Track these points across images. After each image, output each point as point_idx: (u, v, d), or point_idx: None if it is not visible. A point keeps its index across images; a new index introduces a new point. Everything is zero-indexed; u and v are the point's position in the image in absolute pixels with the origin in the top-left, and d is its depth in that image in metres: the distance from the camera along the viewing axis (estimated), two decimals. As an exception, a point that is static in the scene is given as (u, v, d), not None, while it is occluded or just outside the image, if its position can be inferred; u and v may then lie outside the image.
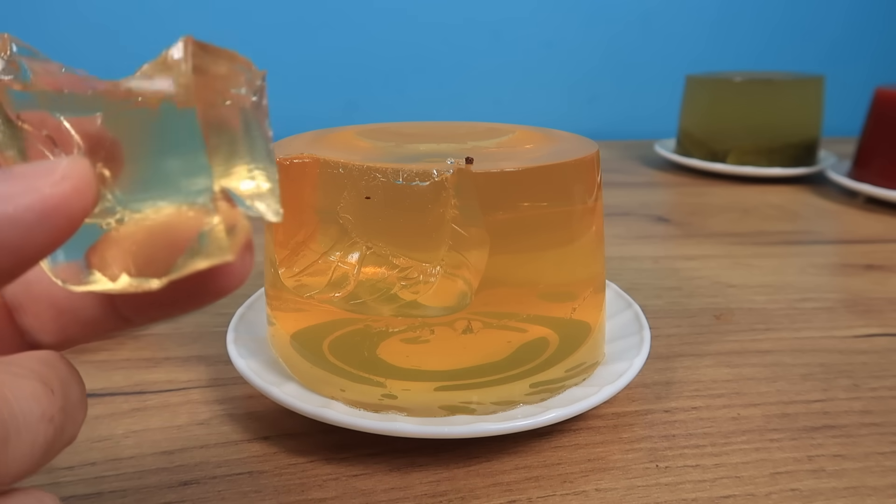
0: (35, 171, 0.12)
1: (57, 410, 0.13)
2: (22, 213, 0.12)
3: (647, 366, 0.30)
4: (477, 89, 0.92)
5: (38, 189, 0.12)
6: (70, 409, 0.14)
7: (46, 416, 0.13)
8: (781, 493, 0.24)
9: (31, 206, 0.12)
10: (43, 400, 0.13)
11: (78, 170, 0.13)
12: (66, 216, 0.12)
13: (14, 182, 0.12)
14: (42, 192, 0.12)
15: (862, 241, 0.51)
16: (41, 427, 0.13)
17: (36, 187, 0.12)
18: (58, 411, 0.13)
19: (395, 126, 0.33)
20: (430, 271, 0.23)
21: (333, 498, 0.23)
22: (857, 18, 0.97)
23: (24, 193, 0.12)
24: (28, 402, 0.13)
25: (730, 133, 0.72)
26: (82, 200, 0.13)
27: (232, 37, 0.84)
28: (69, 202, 0.12)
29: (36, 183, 0.12)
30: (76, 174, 0.13)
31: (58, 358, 0.15)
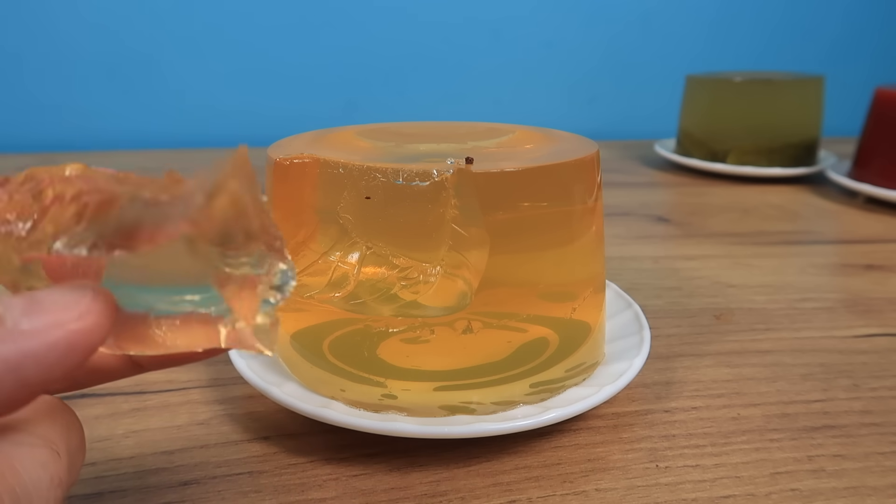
0: (60, 304, 0.12)
1: (64, 472, 0.13)
2: (45, 352, 0.12)
3: (647, 366, 0.30)
4: (477, 89, 0.92)
5: (62, 325, 0.12)
6: (73, 460, 0.14)
7: (55, 481, 0.13)
8: (781, 493, 0.24)
9: (56, 343, 0.12)
10: (51, 466, 0.13)
11: (101, 303, 0.13)
12: (84, 352, 0.12)
13: (39, 316, 0.12)
14: (67, 328, 0.12)
15: (862, 241, 0.51)
16: (51, 494, 0.13)
17: (60, 322, 0.12)
18: (65, 473, 0.13)
19: (395, 126, 0.33)
20: (430, 271, 0.23)
21: (333, 498, 0.23)
22: (857, 18, 0.97)
23: (48, 329, 0.12)
24: (37, 471, 0.13)
25: (730, 133, 0.72)
26: (102, 333, 0.13)
27: (232, 37, 0.84)
28: (90, 337, 0.12)
29: (61, 317, 0.12)
30: (99, 308, 0.13)
31: (59, 407, 0.15)
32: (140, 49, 0.82)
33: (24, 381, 0.12)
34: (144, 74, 0.83)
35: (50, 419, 0.14)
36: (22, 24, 0.79)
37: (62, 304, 0.12)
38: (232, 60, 0.85)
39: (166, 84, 0.83)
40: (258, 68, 0.86)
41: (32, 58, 0.80)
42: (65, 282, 0.14)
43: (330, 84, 0.88)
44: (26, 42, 0.79)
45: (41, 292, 0.13)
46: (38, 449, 0.13)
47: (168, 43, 0.83)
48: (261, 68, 0.86)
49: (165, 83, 0.83)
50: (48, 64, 0.81)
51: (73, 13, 0.79)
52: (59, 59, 0.81)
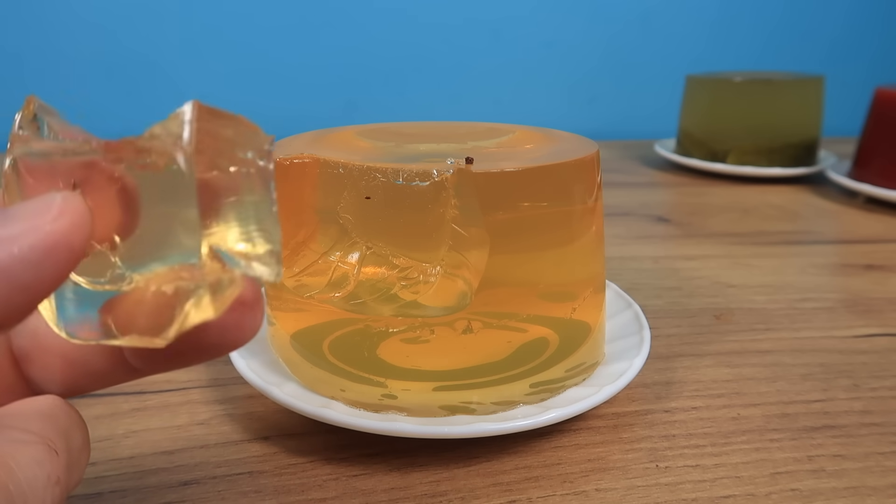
0: (33, 211, 0.13)
1: (62, 470, 0.13)
2: (28, 253, 0.12)
3: (647, 366, 0.30)
4: (477, 89, 0.92)
5: (38, 228, 0.12)
6: (74, 459, 0.14)
7: (52, 479, 0.13)
8: (781, 493, 0.24)
9: (35, 244, 0.12)
10: (47, 464, 0.13)
11: (73, 205, 0.13)
12: (67, 250, 0.13)
13: (15, 223, 0.12)
14: (43, 230, 0.12)
15: (862, 241, 0.51)
16: (48, 492, 0.13)
17: (36, 226, 0.12)
18: (63, 471, 0.13)
19: (395, 126, 0.33)
20: (430, 271, 0.23)
21: (333, 498, 0.23)
22: (857, 18, 0.97)
23: (26, 233, 0.12)
24: (33, 469, 0.13)
25: (730, 133, 0.72)
26: (81, 234, 0.13)
27: (232, 37, 0.84)
28: (69, 237, 0.13)
29: (35, 222, 0.13)
30: (72, 209, 0.13)
31: (59, 405, 0.15)
32: (140, 49, 0.82)
33: (16, 284, 0.12)
34: (144, 74, 0.83)
35: (48, 417, 0.14)
36: (22, 24, 0.79)
37: (34, 210, 0.13)
38: (232, 60, 0.85)
39: (166, 84, 0.83)
40: (258, 68, 0.86)
41: (32, 58, 0.80)
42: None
43: (330, 84, 0.88)
44: (26, 42, 0.79)
45: (12, 206, 0.13)
46: (33, 446, 0.13)
47: (168, 43, 0.83)
48: (261, 68, 0.86)
49: (165, 83, 0.83)
50: (48, 64, 0.81)
51: (73, 13, 0.79)
52: (58, 59, 0.81)
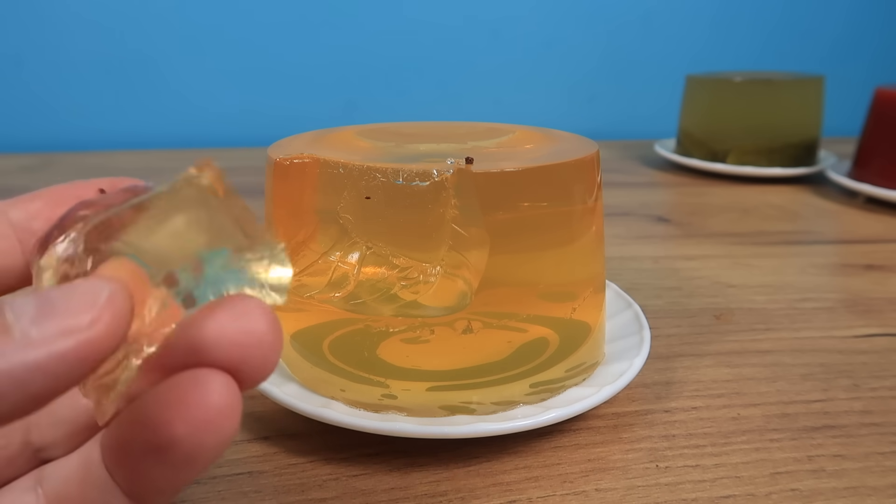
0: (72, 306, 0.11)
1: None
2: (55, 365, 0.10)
3: (647, 366, 0.30)
4: (477, 89, 0.92)
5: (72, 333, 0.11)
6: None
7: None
8: (781, 493, 0.24)
9: (65, 354, 0.11)
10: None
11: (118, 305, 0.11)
12: (97, 358, 0.11)
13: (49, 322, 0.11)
14: (77, 337, 0.11)
15: (862, 241, 0.51)
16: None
17: (71, 329, 0.11)
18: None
19: (395, 126, 0.33)
20: (430, 271, 0.23)
21: (333, 498, 0.23)
22: (857, 18, 0.97)
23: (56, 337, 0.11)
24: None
25: (730, 133, 0.72)
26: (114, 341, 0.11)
27: (232, 36, 0.84)
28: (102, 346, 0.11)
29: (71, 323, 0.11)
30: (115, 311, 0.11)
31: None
32: (139, 49, 0.82)
33: (29, 395, 0.11)
34: (144, 74, 0.83)
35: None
36: (22, 24, 0.79)
37: (74, 307, 0.11)
38: (232, 60, 0.85)
39: (166, 84, 0.83)
40: (258, 68, 0.86)
41: (32, 58, 0.80)
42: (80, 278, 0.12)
43: (330, 84, 0.88)
44: (26, 42, 0.79)
45: (54, 291, 0.11)
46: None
47: (168, 43, 0.83)
48: (261, 68, 0.86)
49: (165, 83, 0.83)
50: (48, 64, 0.81)
51: (73, 13, 0.79)
52: (58, 59, 0.81)
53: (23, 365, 0.10)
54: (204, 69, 0.84)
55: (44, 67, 0.81)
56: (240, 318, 0.13)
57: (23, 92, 0.81)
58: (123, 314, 0.11)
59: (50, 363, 0.10)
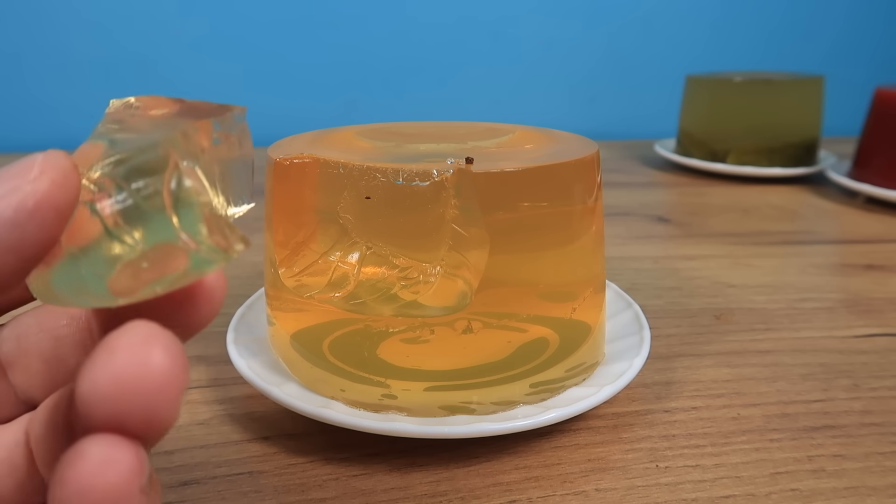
0: (14, 171, 0.13)
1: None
2: (11, 214, 0.12)
3: (647, 366, 0.30)
4: (477, 89, 0.92)
5: (19, 188, 0.12)
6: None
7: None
8: (781, 493, 0.24)
9: (18, 205, 0.12)
10: None
11: (55, 162, 0.13)
12: (52, 209, 0.13)
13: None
14: (24, 189, 0.12)
15: (862, 241, 0.51)
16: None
17: (16, 186, 0.13)
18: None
19: (395, 126, 0.33)
20: (430, 271, 0.23)
21: (333, 498, 0.23)
22: (857, 18, 0.97)
23: (6, 194, 0.12)
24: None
25: (730, 133, 0.72)
26: (65, 192, 0.13)
27: (232, 37, 0.84)
28: (52, 196, 0.13)
29: (16, 182, 0.13)
30: (53, 167, 0.13)
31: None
32: (139, 49, 0.82)
33: (2, 246, 0.12)
34: (144, 74, 0.83)
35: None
36: (21, 24, 0.79)
37: (15, 171, 0.13)
38: (232, 60, 0.85)
39: (166, 84, 0.83)
40: (258, 68, 0.86)
41: (32, 58, 0.80)
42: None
43: (330, 84, 0.88)
44: (26, 42, 0.79)
45: (2, 167, 0.13)
46: None
47: (167, 43, 0.83)
48: (261, 68, 0.86)
49: (165, 83, 0.83)
50: (47, 64, 0.81)
51: (73, 13, 0.80)
52: (58, 59, 0.81)
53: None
54: (204, 69, 0.84)
55: (44, 68, 0.81)
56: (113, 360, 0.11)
57: (23, 92, 0.81)
58: (65, 168, 0.13)
59: (7, 214, 0.12)
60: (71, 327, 0.16)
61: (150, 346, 0.11)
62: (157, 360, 0.11)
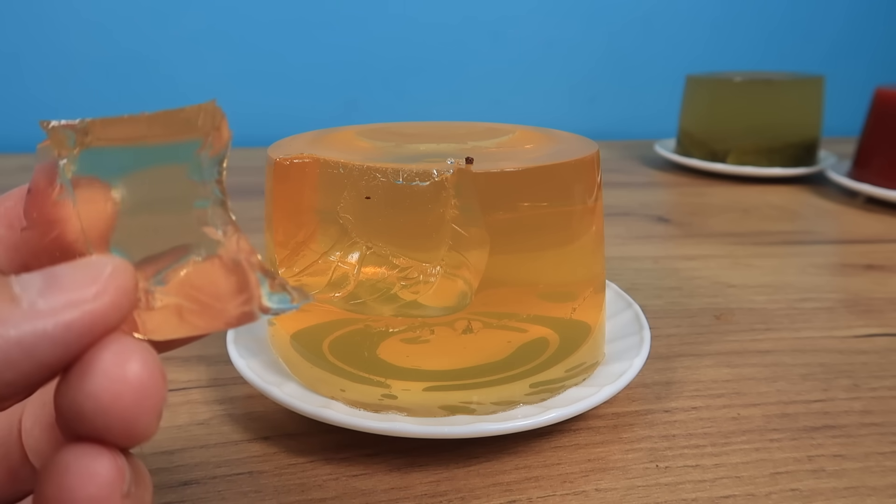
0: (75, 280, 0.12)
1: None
2: (62, 333, 0.11)
3: (647, 366, 0.30)
4: (477, 89, 0.92)
5: (78, 304, 0.11)
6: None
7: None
8: (781, 493, 0.24)
9: (71, 324, 0.11)
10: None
11: (119, 281, 0.12)
12: (102, 331, 0.12)
13: (55, 295, 0.11)
14: (82, 308, 0.11)
15: (862, 241, 0.51)
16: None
17: (76, 302, 0.11)
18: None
19: (395, 126, 0.33)
20: (430, 271, 0.23)
21: (333, 498, 0.23)
22: (857, 18, 0.97)
23: (63, 308, 0.11)
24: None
25: (730, 133, 0.72)
26: (120, 314, 0.12)
27: (232, 36, 0.84)
28: (107, 317, 0.12)
29: (77, 296, 0.11)
30: (117, 287, 0.12)
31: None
32: (139, 49, 0.82)
33: (39, 363, 0.11)
34: (143, 74, 0.83)
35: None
36: (21, 24, 0.79)
37: (79, 281, 0.12)
38: (232, 60, 0.85)
39: (165, 84, 0.83)
40: (258, 68, 0.86)
41: (31, 58, 0.80)
42: (84, 256, 0.13)
43: (330, 84, 0.88)
44: (25, 42, 0.79)
45: (60, 268, 0.12)
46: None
47: (167, 43, 0.83)
48: (261, 68, 0.86)
49: (165, 83, 0.83)
50: (47, 64, 0.81)
51: (72, 13, 0.80)
52: (58, 59, 0.81)
53: (32, 333, 0.11)
54: (204, 69, 0.84)
55: (44, 68, 0.81)
56: (91, 378, 0.11)
57: (22, 92, 0.81)
58: (127, 289, 0.12)
59: (57, 332, 0.11)
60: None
61: (127, 360, 0.12)
62: (133, 375, 0.12)
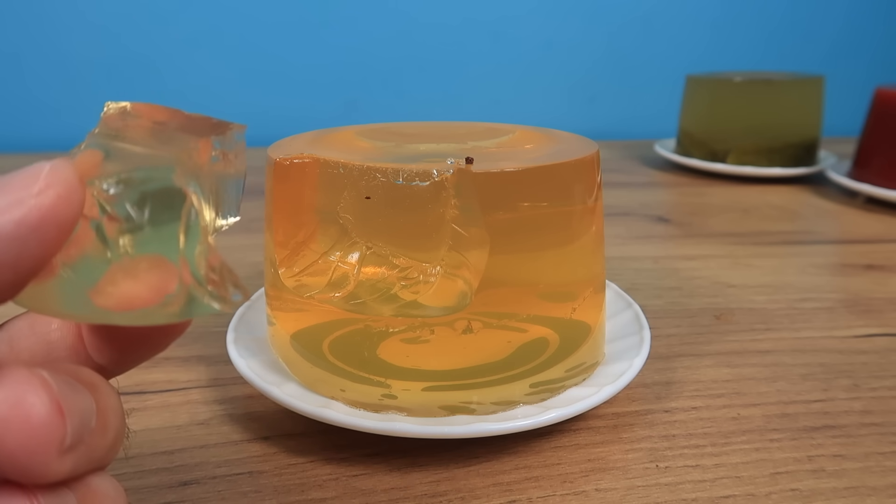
0: (18, 182, 0.12)
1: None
2: (13, 229, 0.12)
3: (647, 366, 0.30)
4: (477, 89, 0.92)
5: (22, 202, 0.12)
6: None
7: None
8: (781, 493, 0.24)
9: (20, 220, 0.12)
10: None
11: (61, 175, 0.12)
12: (55, 225, 0.12)
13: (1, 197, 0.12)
14: (27, 203, 0.12)
15: (862, 241, 0.51)
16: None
17: (20, 199, 0.12)
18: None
19: (395, 126, 0.33)
20: (430, 271, 0.23)
21: (333, 498, 0.23)
22: (857, 18, 0.97)
23: (8, 208, 0.12)
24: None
25: (730, 133, 0.72)
26: (70, 208, 0.12)
27: (232, 37, 0.84)
28: (56, 211, 0.12)
29: (20, 194, 0.12)
30: (59, 180, 0.12)
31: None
32: (139, 49, 0.82)
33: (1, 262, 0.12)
34: (144, 74, 0.83)
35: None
36: (22, 24, 0.79)
37: (19, 182, 0.12)
38: (232, 60, 0.85)
39: (166, 84, 0.83)
40: (258, 68, 0.86)
41: (32, 58, 0.80)
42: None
43: (330, 84, 0.88)
44: (26, 42, 0.79)
45: (5, 175, 0.12)
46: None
47: (167, 43, 0.83)
48: (261, 68, 0.86)
49: (165, 83, 0.83)
50: (48, 64, 0.81)
51: (73, 13, 0.80)
52: (58, 59, 0.81)
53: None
54: (204, 69, 0.84)
55: (44, 67, 0.81)
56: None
57: (23, 92, 0.81)
58: (70, 182, 0.12)
59: (9, 229, 0.12)
60: (62, 331, 0.16)
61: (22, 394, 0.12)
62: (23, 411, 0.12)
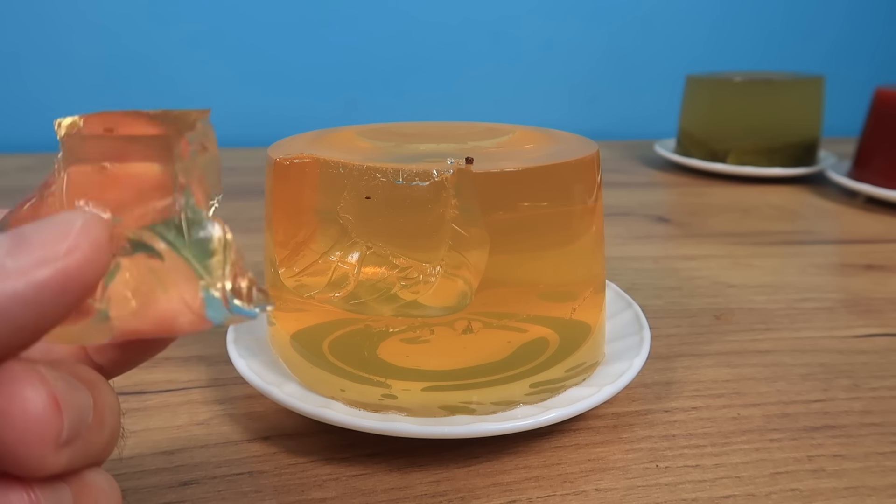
0: (44, 238, 0.11)
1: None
2: (34, 293, 0.11)
3: (647, 366, 0.30)
4: (477, 89, 0.92)
5: (48, 262, 0.11)
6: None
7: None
8: (781, 493, 0.24)
9: (42, 283, 0.11)
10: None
11: (92, 234, 0.12)
12: (80, 287, 0.11)
13: (24, 254, 0.11)
14: (53, 266, 0.11)
15: (862, 241, 0.51)
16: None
17: (45, 258, 0.11)
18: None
19: (395, 126, 0.33)
20: (430, 271, 0.23)
21: (333, 498, 0.23)
22: (857, 18, 0.97)
23: (34, 267, 0.11)
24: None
25: (730, 133, 0.72)
26: (95, 270, 0.12)
27: (232, 37, 0.84)
28: (82, 272, 0.11)
29: (45, 253, 0.11)
30: (88, 240, 0.11)
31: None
32: (139, 49, 0.82)
33: (16, 327, 0.11)
34: (144, 74, 0.83)
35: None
36: (21, 24, 0.79)
37: (48, 238, 0.11)
38: (232, 61, 0.85)
39: (166, 84, 0.83)
40: (258, 68, 0.86)
41: (32, 58, 0.80)
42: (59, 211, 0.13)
43: (330, 84, 0.88)
44: (26, 42, 0.79)
45: (29, 226, 0.12)
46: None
47: (167, 43, 0.83)
48: (261, 68, 0.86)
49: (165, 83, 0.83)
50: (47, 64, 0.81)
51: (73, 13, 0.80)
52: (58, 60, 0.81)
53: (2, 295, 0.11)
54: (204, 69, 0.84)
55: (44, 68, 0.81)
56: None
57: (23, 92, 0.81)
58: (100, 242, 0.12)
59: (30, 292, 0.11)
60: None
61: (17, 390, 0.11)
62: (20, 405, 0.11)
